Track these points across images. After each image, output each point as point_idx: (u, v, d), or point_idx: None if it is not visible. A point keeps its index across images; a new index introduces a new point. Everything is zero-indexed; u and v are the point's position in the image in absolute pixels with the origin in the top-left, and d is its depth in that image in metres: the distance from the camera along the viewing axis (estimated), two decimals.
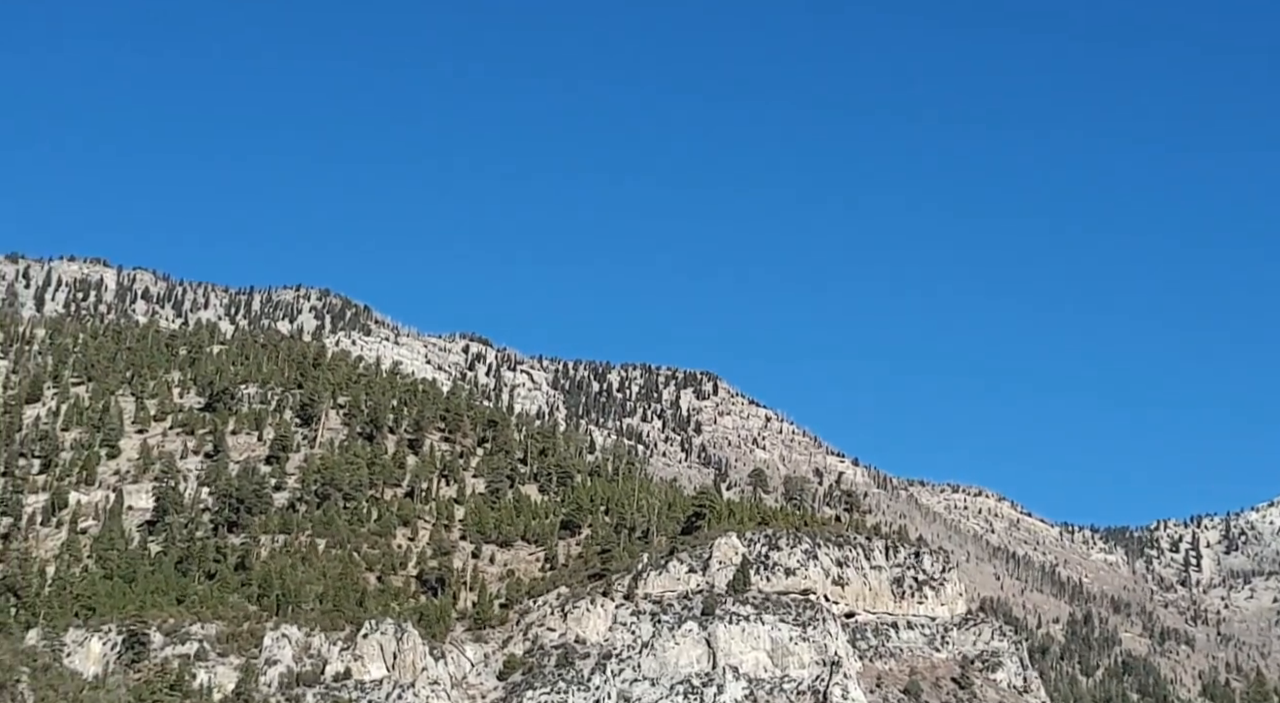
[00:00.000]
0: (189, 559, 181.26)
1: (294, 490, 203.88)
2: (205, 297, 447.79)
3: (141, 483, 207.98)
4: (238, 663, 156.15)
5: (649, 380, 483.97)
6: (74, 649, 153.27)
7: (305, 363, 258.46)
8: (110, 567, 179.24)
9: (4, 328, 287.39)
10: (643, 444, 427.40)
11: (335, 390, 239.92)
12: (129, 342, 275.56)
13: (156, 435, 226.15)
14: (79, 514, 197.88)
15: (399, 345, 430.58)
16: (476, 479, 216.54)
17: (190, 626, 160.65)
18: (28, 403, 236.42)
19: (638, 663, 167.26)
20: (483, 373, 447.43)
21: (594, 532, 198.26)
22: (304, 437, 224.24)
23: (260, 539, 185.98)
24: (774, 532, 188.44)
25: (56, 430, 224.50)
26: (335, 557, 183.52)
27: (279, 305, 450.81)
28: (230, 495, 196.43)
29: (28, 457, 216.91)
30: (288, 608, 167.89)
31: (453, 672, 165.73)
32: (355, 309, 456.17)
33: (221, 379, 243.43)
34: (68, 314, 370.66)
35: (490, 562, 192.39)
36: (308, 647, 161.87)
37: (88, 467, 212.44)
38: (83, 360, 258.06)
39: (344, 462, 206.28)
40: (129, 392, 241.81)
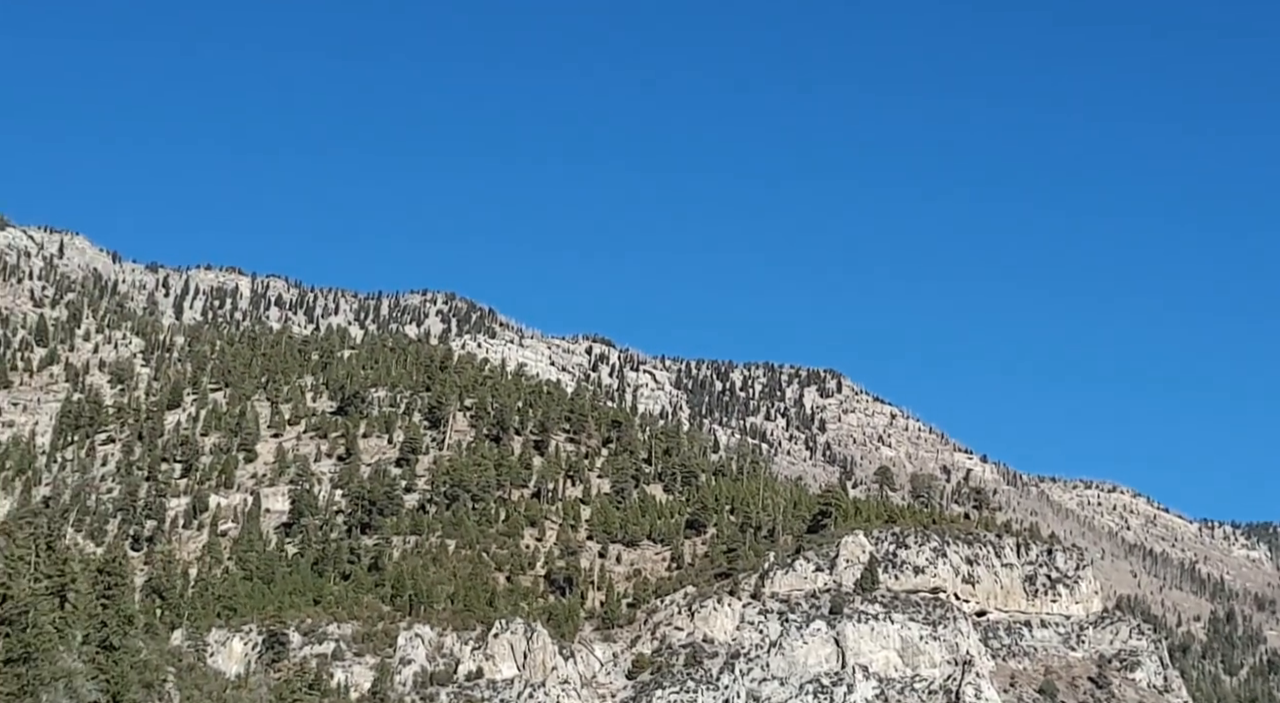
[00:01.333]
0: (324, 560, 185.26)
1: (424, 492, 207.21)
2: (335, 302, 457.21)
3: (277, 486, 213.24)
4: (373, 662, 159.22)
5: (772, 379, 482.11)
6: (217, 649, 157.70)
7: (433, 366, 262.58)
8: (249, 568, 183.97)
9: (145, 336, 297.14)
10: (766, 443, 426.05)
11: (462, 393, 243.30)
12: (263, 348, 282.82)
13: (291, 439, 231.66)
14: (219, 517, 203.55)
15: (523, 347, 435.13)
16: (601, 479, 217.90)
17: (327, 626, 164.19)
18: (169, 409, 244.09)
19: (766, 662, 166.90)
20: (606, 374, 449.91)
21: (719, 531, 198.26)
22: (432, 439, 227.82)
23: (392, 540, 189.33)
24: (902, 530, 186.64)
25: (196, 435, 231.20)
26: (465, 557, 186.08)
27: (406, 310, 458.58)
28: (362, 498, 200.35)
29: (169, 461, 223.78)
30: (420, 608, 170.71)
31: (582, 671, 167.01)
32: (480, 312, 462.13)
33: (352, 383, 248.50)
34: (205, 322, 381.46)
35: (617, 561, 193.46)
36: (440, 646, 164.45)
37: (226, 471, 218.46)
38: (220, 367, 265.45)
39: (472, 463, 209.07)
40: (264, 397, 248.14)
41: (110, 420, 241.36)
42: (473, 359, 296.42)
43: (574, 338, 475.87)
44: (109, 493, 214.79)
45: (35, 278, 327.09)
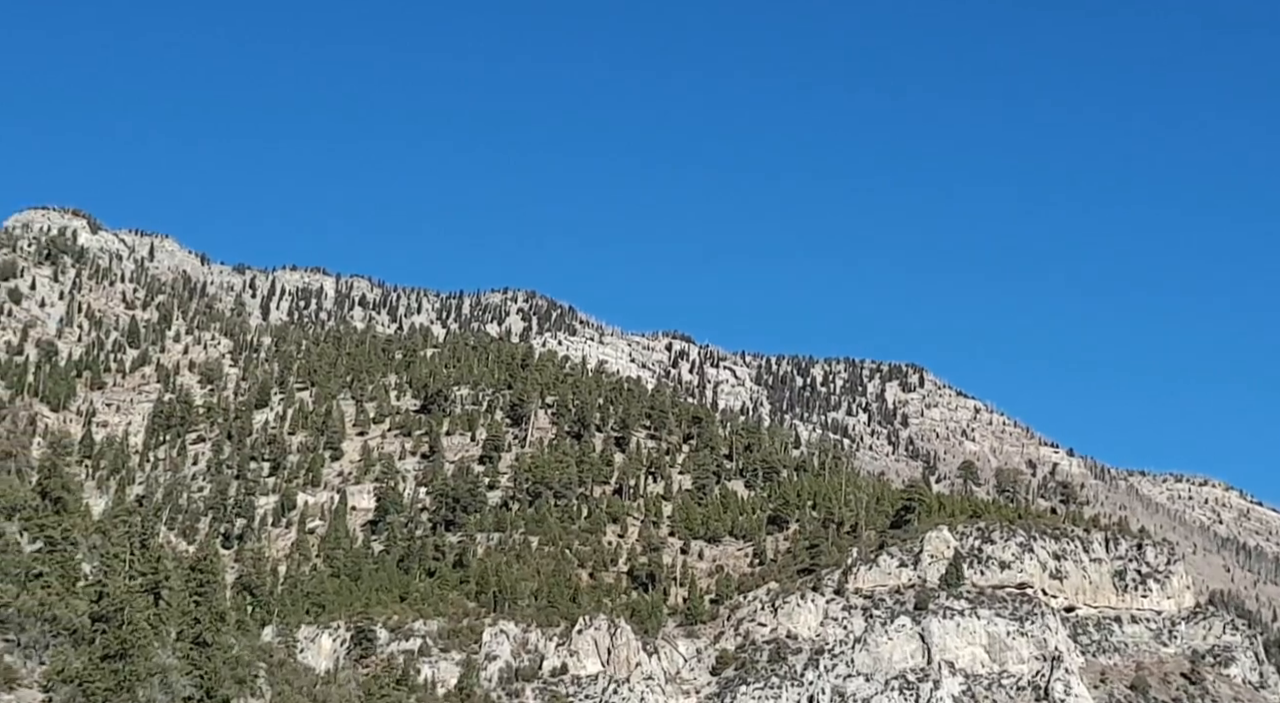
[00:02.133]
0: (409, 557, 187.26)
1: (506, 489, 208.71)
2: (418, 301, 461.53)
3: (363, 484, 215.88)
4: (459, 658, 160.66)
5: (853, 374, 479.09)
6: (306, 645, 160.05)
7: (514, 364, 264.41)
8: (337, 565, 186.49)
9: (233, 337, 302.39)
10: (848, 438, 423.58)
11: (543, 390, 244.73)
12: (348, 347, 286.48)
13: (376, 438, 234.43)
14: (306, 515, 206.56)
15: (603, 344, 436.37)
16: (683, 476, 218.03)
17: (413, 622, 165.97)
18: (257, 408, 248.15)
19: (851, 658, 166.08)
20: (686, 370, 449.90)
21: (802, 527, 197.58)
22: (514, 436, 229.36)
23: (476, 537, 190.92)
24: (987, 525, 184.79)
25: (284, 434, 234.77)
26: (548, 554, 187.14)
27: (487, 308, 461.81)
28: (446, 495, 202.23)
29: (258, 460, 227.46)
30: (504, 604, 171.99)
31: (666, 667, 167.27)
32: (560, 310, 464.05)
33: (435, 382, 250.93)
34: (291, 322, 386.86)
35: (699, 557, 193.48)
36: (525, 642, 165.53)
37: (313, 469, 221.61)
38: (306, 366, 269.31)
39: (553, 460, 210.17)
40: (349, 396, 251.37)
41: (200, 420, 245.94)
42: (553, 357, 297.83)
43: (654, 335, 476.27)
44: (200, 492, 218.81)
45: (127, 280, 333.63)
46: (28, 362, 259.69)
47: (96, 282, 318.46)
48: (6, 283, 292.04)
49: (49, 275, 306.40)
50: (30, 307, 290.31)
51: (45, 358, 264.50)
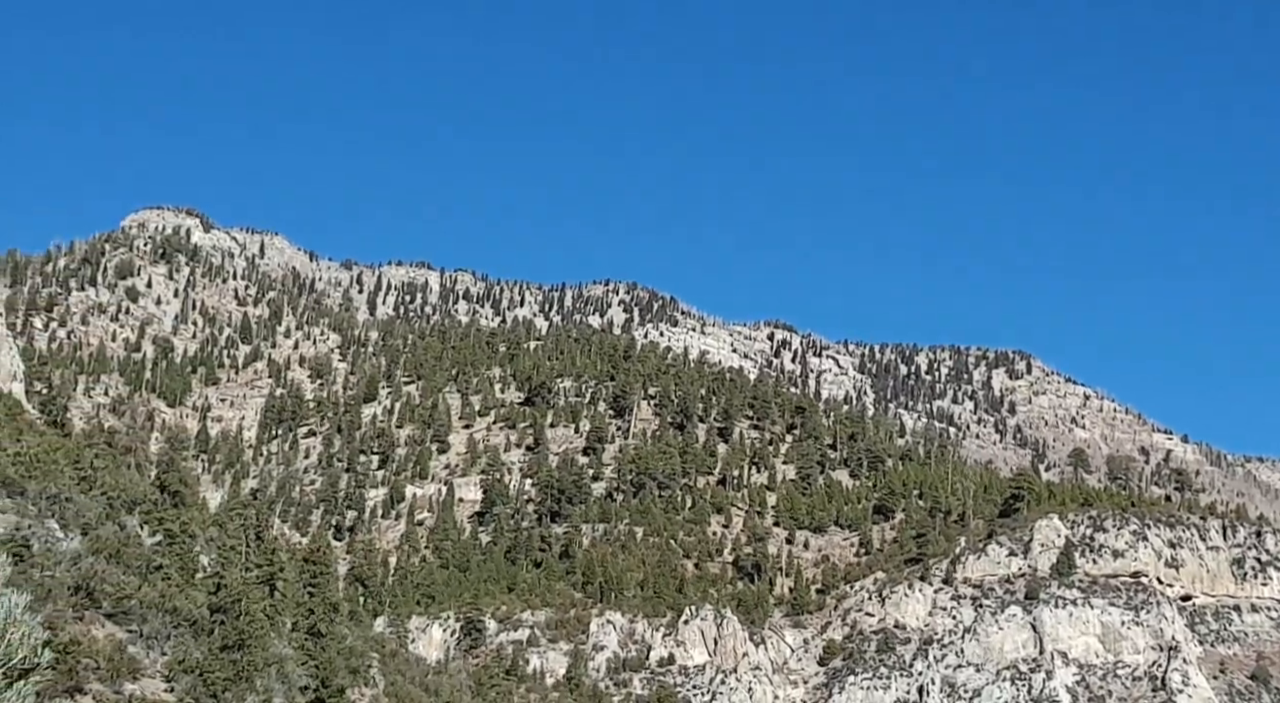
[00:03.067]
0: (516, 549, 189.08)
1: (610, 480, 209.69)
2: (521, 294, 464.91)
3: (469, 476, 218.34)
4: (566, 649, 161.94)
5: (958, 361, 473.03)
6: (417, 636, 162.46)
7: (616, 356, 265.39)
8: (445, 557, 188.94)
9: (341, 332, 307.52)
10: (954, 427, 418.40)
11: (646, 382, 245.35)
12: (453, 341, 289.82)
13: (481, 430, 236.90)
14: (415, 507, 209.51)
15: (705, 335, 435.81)
16: (787, 466, 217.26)
17: (521, 613, 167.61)
18: (365, 402, 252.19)
19: (960, 648, 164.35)
20: (788, 359, 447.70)
21: (908, 516, 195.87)
22: (618, 428, 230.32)
23: (581, 528, 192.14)
24: (1099, 513, 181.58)
25: (392, 428, 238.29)
26: (653, 545, 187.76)
27: (589, 300, 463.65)
28: (551, 487, 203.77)
29: (367, 453, 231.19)
30: (611, 595, 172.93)
31: (773, 657, 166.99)
32: (662, 301, 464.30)
33: (539, 374, 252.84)
34: (397, 316, 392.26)
35: (804, 548, 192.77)
36: (632, 633, 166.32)
37: (421, 462, 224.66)
38: (412, 360, 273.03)
39: (657, 451, 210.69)
40: (455, 389, 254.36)
41: (311, 414, 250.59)
42: (655, 348, 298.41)
43: (755, 325, 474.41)
44: (311, 485, 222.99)
45: (239, 278, 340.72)
46: (145, 359, 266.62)
47: (210, 279, 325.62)
48: (124, 282, 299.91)
49: (164, 274, 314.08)
50: (147, 304, 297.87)
51: (162, 355, 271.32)
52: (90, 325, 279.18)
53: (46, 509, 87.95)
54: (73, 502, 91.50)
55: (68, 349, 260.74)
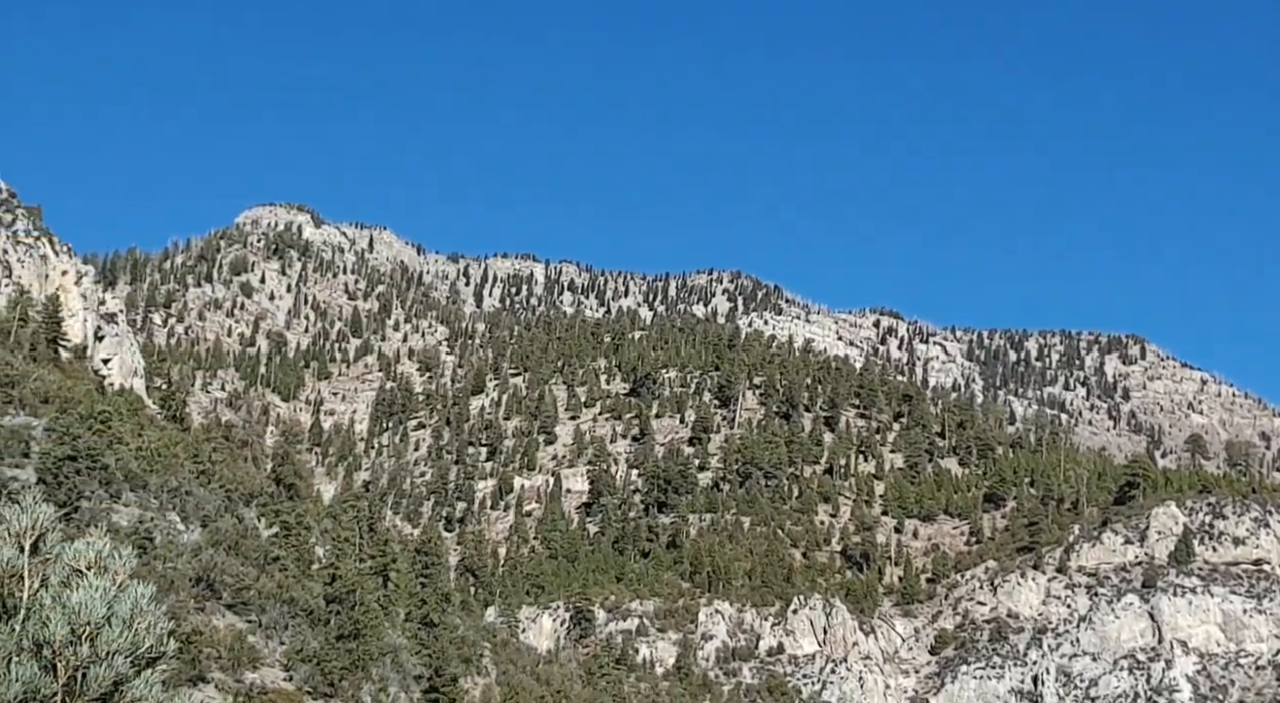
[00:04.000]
0: (624, 538, 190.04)
1: (716, 470, 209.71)
2: (625, 285, 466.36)
3: (576, 466, 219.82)
4: (675, 638, 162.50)
5: (1070, 347, 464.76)
6: (527, 625, 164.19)
7: (721, 345, 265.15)
8: (554, 547, 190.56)
9: (449, 325, 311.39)
10: (1066, 413, 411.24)
11: (751, 371, 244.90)
12: (558, 332, 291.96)
13: (587, 420, 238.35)
14: (523, 498, 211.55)
15: (810, 323, 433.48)
16: (894, 454, 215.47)
17: (630, 603, 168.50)
18: (473, 394, 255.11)
19: (1076, 637, 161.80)
20: (895, 347, 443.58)
21: (1019, 504, 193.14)
22: (723, 417, 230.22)
23: (688, 518, 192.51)
24: (1218, 499, 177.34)
25: (499, 419, 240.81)
26: (760, 534, 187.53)
27: (693, 290, 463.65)
28: (657, 476, 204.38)
29: (475, 445, 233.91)
30: (719, 584, 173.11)
31: (883, 647, 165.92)
32: (766, 290, 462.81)
33: (644, 364, 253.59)
34: (503, 308, 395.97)
35: (914, 536, 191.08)
36: (740, 622, 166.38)
37: (528, 453, 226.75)
38: (519, 352, 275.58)
39: (763, 441, 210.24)
40: (561, 380, 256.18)
41: (420, 407, 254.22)
42: (760, 337, 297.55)
43: (860, 312, 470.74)
44: (422, 476, 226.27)
45: (348, 272, 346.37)
46: (259, 353, 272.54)
47: (320, 274, 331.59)
48: (239, 278, 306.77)
49: (277, 269, 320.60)
50: (260, 300, 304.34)
51: (276, 349, 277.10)
52: (207, 321, 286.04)
53: (168, 502, 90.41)
54: (193, 494, 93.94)
55: (185, 345, 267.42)
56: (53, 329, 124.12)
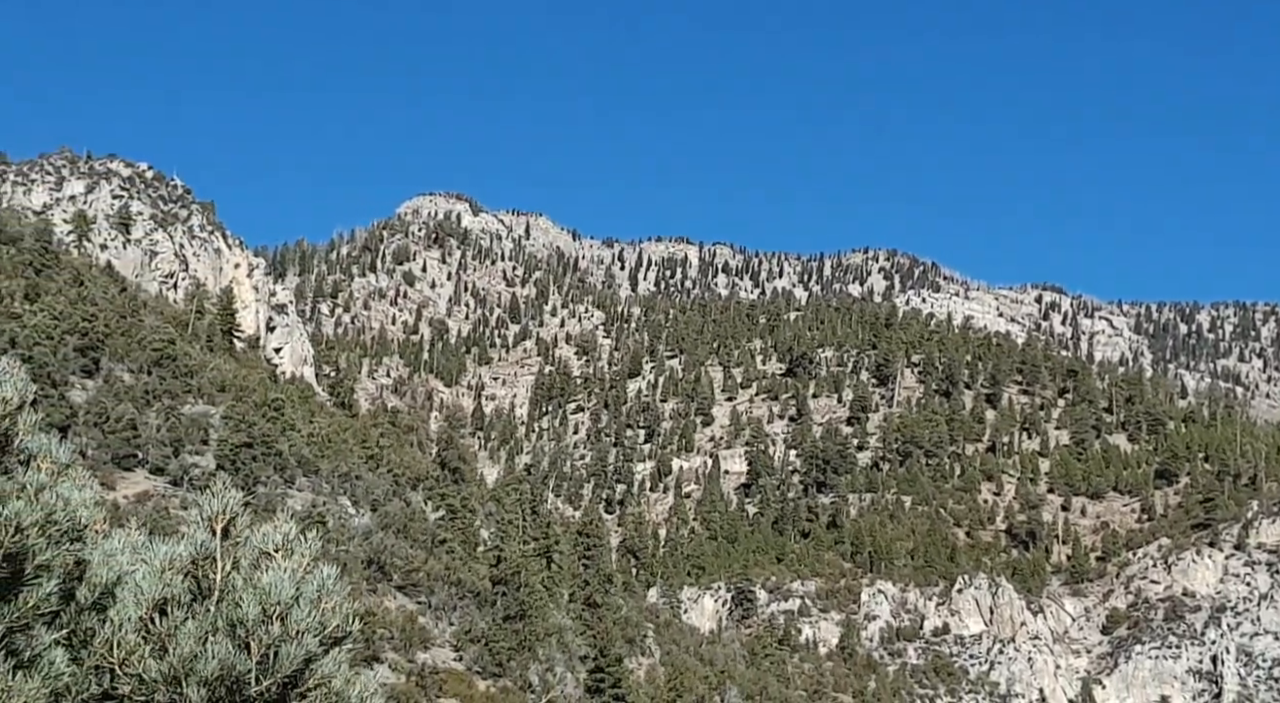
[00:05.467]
0: (783, 519, 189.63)
1: (876, 450, 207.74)
2: (779, 266, 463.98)
3: (734, 448, 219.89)
4: (838, 618, 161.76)
5: (1244, 318, 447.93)
6: (689, 606, 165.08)
7: (878, 324, 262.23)
8: (713, 528, 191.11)
9: (605, 309, 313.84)
10: (1241, 386, 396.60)
11: (909, 349, 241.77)
12: (713, 314, 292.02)
13: (744, 402, 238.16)
14: (681, 479, 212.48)
15: (969, 300, 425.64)
16: (1059, 431, 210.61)
17: (791, 583, 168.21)
18: (630, 377, 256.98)
19: (1256, 616, 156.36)
20: (1058, 322, 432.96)
21: (1193, 480, 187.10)
22: (881, 396, 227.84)
23: (848, 498, 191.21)
24: None
25: (656, 402, 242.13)
26: (922, 513, 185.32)
27: (848, 269, 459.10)
28: (816, 457, 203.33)
29: (633, 428, 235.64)
30: (881, 564, 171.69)
31: (1053, 626, 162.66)
32: (923, 267, 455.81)
33: (800, 345, 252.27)
34: (658, 292, 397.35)
35: (1081, 514, 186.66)
36: (904, 602, 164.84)
37: (686, 435, 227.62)
38: (674, 335, 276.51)
39: (922, 419, 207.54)
40: (717, 362, 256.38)
41: (578, 390, 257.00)
42: (918, 315, 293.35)
43: (1021, 287, 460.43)
44: (581, 459, 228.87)
45: (506, 259, 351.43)
46: (422, 341, 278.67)
47: (479, 261, 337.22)
48: (401, 267, 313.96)
49: (438, 258, 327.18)
50: (422, 288, 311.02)
51: (437, 336, 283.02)
52: (371, 310, 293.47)
53: (339, 487, 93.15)
54: (362, 479, 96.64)
55: (352, 333, 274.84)
56: (227, 320, 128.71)
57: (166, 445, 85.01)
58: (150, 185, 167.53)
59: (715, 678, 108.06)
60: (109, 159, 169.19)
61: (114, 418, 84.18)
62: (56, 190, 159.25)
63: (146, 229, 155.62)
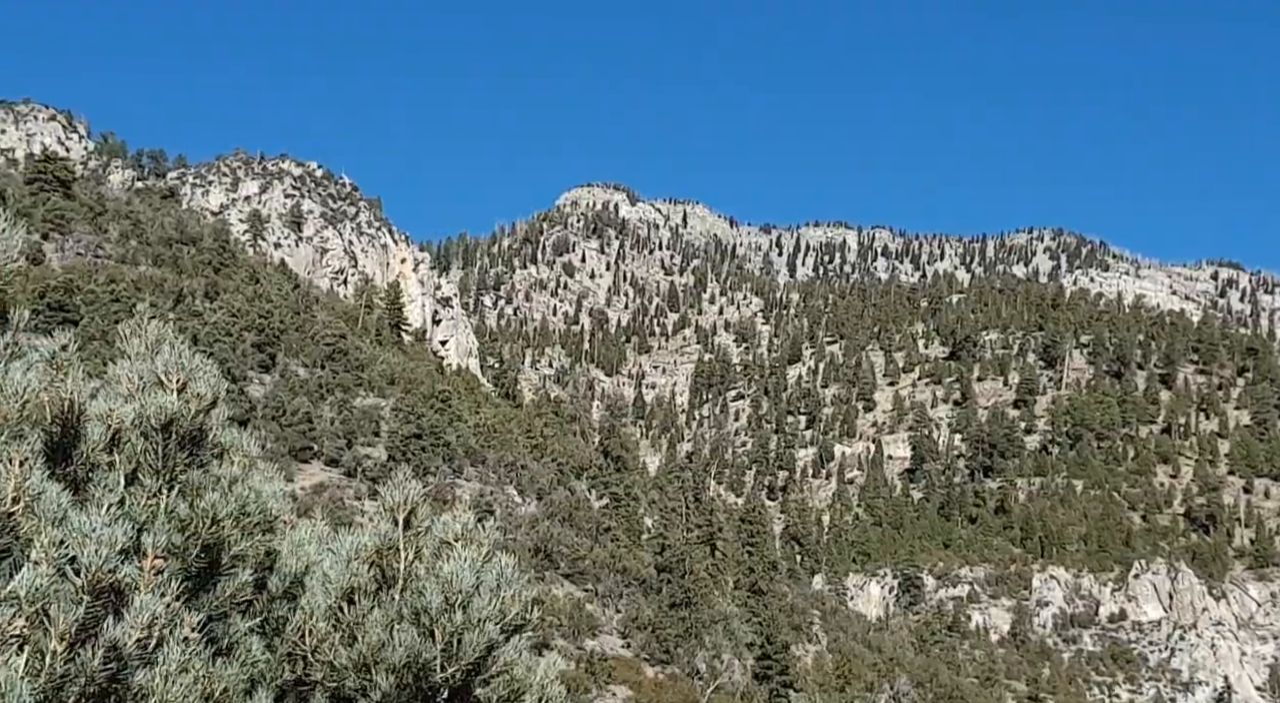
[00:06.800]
0: (949, 505, 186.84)
1: (1044, 433, 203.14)
2: (940, 248, 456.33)
3: (897, 433, 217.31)
4: (1009, 605, 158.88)
5: None
6: (855, 593, 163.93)
7: (1044, 305, 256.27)
8: (877, 514, 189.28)
9: (763, 295, 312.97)
10: None
11: (1077, 330, 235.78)
12: (873, 298, 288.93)
13: (906, 387, 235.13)
14: (844, 465, 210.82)
15: (1140, 278, 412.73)
16: (1239, 411, 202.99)
17: (959, 569, 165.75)
18: (789, 364, 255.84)
19: None
20: (1235, 299, 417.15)
21: None
22: (1049, 379, 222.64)
23: (1016, 483, 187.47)
24: None
25: (817, 388, 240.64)
26: (1094, 497, 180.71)
27: (1012, 250, 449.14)
28: (982, 441, 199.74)
29: (794, 414, 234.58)
30: (1052, 550, 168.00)
31: (1236, 612, 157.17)
32: (1091, 245, 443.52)
33: (963, 327, 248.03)
34: (816, 277, 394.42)
35: (1264, 497, 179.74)
36: (1077, 588, 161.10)
37: (847, 420, 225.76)
38: (834, 320, 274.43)
39: (1093, 401, 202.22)
40: (877, 346, 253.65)
41: (738, 377, 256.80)
42: (1086, 295, 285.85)
43: (1196, 264, 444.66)
44: (743, 446, 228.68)
45: (664, 248, 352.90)
46: (583, 331, 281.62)
47: (637, 251, 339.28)
48: (561, 258, 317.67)
49: (596, 248, 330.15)
50: (582, 278, 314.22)
51: (598, 326, 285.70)
52: (533, 301, 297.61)
53: (505, 476, 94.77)
54: (527, 469, 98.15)
55: (514, 325, 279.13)
56: (395, 314, 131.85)
57: (340, 438, 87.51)
58: (320, 184, 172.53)
59: (884, 665, 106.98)
60: (280, 159, 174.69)
61: (290, 411, 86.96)
62: (232, 191, 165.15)
63: (317, 227, 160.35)
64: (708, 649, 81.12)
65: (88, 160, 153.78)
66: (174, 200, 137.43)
